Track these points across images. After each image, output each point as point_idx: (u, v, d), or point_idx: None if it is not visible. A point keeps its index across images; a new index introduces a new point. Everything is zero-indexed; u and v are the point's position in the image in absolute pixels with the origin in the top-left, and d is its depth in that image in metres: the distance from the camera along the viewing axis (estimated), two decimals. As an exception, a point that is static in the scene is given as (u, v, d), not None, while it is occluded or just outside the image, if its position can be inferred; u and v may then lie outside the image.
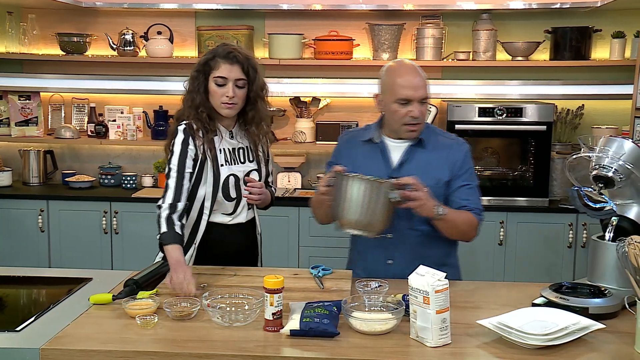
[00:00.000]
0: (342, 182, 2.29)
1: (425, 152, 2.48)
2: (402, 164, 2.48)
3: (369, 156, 2.53)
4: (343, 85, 4.60)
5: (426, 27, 4.37)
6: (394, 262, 2.49)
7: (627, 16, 4.39)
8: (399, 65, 2.53)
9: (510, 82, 4.51)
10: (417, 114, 2.41)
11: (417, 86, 2.41)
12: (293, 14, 4.57)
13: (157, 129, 4.59)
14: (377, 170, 2.44)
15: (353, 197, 2.26)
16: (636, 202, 2.18)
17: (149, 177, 4.63)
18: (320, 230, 4.19)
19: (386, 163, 2.50)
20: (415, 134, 2.47)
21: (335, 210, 2.33)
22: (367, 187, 2.25)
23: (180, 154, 2.51)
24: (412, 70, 2.46)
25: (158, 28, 4.55)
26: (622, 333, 1.94)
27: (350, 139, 2.65)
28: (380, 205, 2.26)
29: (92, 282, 2.36)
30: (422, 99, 2.42)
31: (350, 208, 2.28)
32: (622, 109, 4.37)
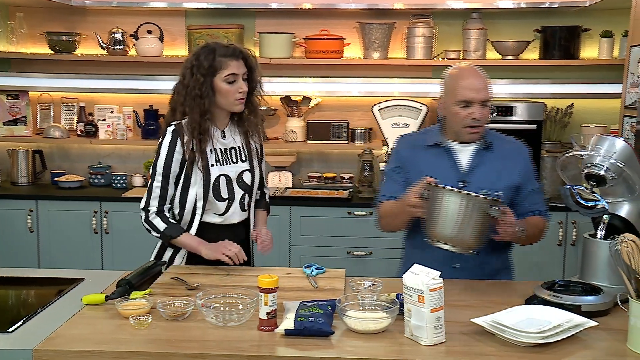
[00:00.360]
0: (437, 196, 2.20)
1: (493, 156, 2.47)
2: (473, 169, 2.46)
3: (436, 161, 2.49)
4: (334, 84, 4.61)
5: (417, 26, 4.38)
6: (460, 266, 2.46)
7: (615, 16, 4.41)
8: (462, 67, 2.50)
9: (501, 81, 4.53)
10: (478, 115, 2.40)
11: (479, 88, 2.41)
12: (283, 13, 4.56)
13: (148, 129, 4.58)
14: (446, 175, 2.42)
15: (449, 212, 2.17)
16: (627, 200, 2.19)
17: (139, 177, 4.61)
18: (312, 229, 4.22)
19: (455, 168, 2.48)
20: (476, 136, 2.45)
21: (426, 224, 2.26)
22: (465, 202, 2.16)
23: (167, 157, 2.50)
24: (474, 72, 2.46)
25: (148, 27, 4.53)
26: (614, 330, 1.95)
27: (412, 144, 2.60)
28: (477, 221, 2.17)
29: (84, 283, 2.35)
30: (484, 101, 2.41)
31: (445, 223, 2.19)
32: (610, 108, 4.40)
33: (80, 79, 4.68)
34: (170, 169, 2.50)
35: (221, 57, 2.47)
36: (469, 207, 2.15)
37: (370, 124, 4.57)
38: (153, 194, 2.51)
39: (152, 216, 2.51)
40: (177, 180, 2.52)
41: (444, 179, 2.36)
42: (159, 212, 2.51)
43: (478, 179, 2.43)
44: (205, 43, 2.58)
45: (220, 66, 2.47)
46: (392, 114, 4.37)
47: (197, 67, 2.48)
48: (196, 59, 2.50)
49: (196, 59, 2.50)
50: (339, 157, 4.71)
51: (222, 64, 2.47)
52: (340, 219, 4.20)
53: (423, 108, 4.34)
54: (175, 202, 2.55)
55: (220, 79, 2.48)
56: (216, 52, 2.49)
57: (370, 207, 4.17)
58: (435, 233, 2.22)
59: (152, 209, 2.51)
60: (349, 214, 4.19)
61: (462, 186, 2.41)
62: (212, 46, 2.52)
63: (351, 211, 4.18)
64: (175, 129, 2.51)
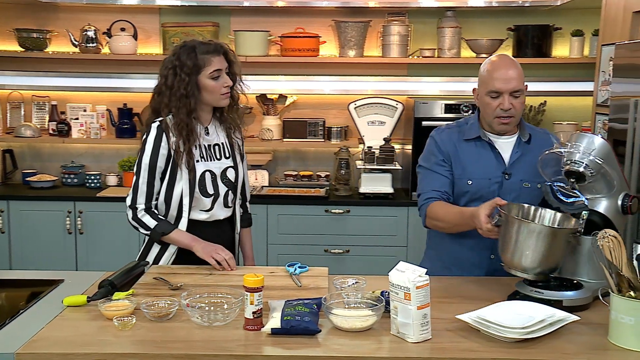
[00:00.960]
0: (512, 225, 2.13)
1: (533, 148, 2.46)
2: (515, 162, 2.47)
3: (478, 155, 2.50)
4: (309, 82, 4.61)
5: (392, 25, 4.40)
6: (497, 257, 2.43)
7: (585, 15, 4.49)
8: (496, 58, 2.50)
9: (475, 79, 4.55)
10: (507, 106, 2.40)
11: (509, 78, 2.40)
12: (259, 11, 4.55)
13: (122, 127, 4.53)
14: (490, 169, 2.46)
15: (526, 243, 2.10)
16: (605, 197, 2.23)
17: (114, 176, 4.56)
18: (289, 228, 4.22)
19: (497, 161, 2.48)
20: (506, 127, 2.46)
21: (501, 249, 2.19)
22: (542, 234, 2.09)
23: (152, 152, 2.49)
24: (506, 63, 2.45)
25: (121, 24, 4.48)
26: (594, 324, 1.98)
27: (449, 137, 2.57)
28: (554, 250, 2.11)
29: (63, 284, 2.31)
30: (514, 92, 2.40)
31: (521, 254, 2.11)
32: (581, 105, 4.48)
33: (51, 77, 4.62)
34: (156, 164, 2.49)
35: (203, 55, 2.47)
36: (548, 239, 2.08)
37: (346, 121, 4.58)
38: (139, 190, 2.49)
39: (141, 214, 2.49)
40: (163, 176, 2.50)
41: (487, 172, 2.43)
42: (148, 209, 2.50)
43: (519, 171, 2.45)
44: (183, 42, 2.57)
45: (204, 63, 2.46)
46: (368, 111, 4.39)
47: (180, 66, 2.46)
48: (177, 58, 2.48)
49: (177, 59, 2.48)
50: (315, 155, 4.72)
51: (205, 61, 2.47)
52: (317, 217, 4.21)
53: (399, 106, 4.36)
54: (160, 199, 2.53)
55: (205, 76, 2.47)
56: (197, 49, 2.48)
57: (347, 204, 4.21)
58: (511, 262, 2.15)
59: (140, 206, 2.49)
60: (326, 211, 4.19)
61: (507, 179, 2.45)
62: (191, 44, 2.51)
63: (328, 209, 4.19)
64: (160, 124, 2.49)
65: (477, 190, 2.48)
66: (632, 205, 2.21)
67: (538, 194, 2.44)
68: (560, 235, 2.12)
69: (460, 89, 4.59)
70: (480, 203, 2.44)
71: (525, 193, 2.45)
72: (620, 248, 1.86)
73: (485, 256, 2.50)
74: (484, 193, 2.46)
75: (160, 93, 2.52)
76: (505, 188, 2.46)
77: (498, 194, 2.43)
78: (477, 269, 2.49)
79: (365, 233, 4.21)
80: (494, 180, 2.47)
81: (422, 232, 4.11)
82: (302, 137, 4.50)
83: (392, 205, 4.21)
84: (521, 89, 2.42)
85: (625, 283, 1.82)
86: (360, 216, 4.21)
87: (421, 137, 4.16)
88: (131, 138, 4.53)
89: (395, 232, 4.20)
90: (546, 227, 2.14)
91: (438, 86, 4.61)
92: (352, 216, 4.21)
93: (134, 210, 2.50)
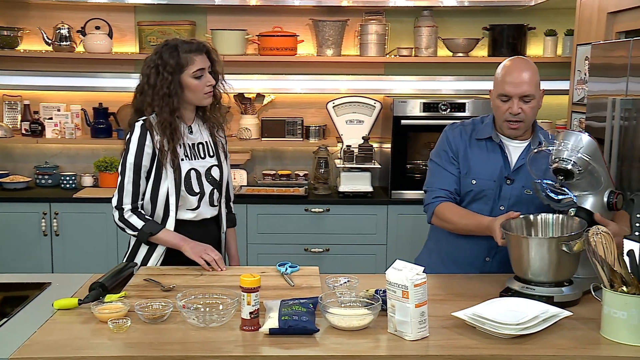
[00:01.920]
0: (516, 242, 2.16)
1: (544, 156, 2.35)
2: (519, 168, 2.45)
3: (487, 156, 2.49)
4: (287, 81, 4.60)
5: (369, 24, 4.41)
6: (492, 260, 2.48)
7: (558, 15, 4.56)
8: (511, 61, 2.46)
9: (451, 78, 4.62)
10: (516, 110, 2.38)
11: (520, 82, 2.37)
12: (235, 10, 4.52)
13: (97, 127, 4.46)
14: (495, 171, 2.46)
15: (532, 257, 2.11)
16: (592, 194, 2.26)
17: (89, 177, 4.49)
18: (268, 227, 4.20)
19: (504, 164, 2.47)
20: (515, 132, 2.44)
21: (514, 264, 2.20)
22: (545, 247, 2.10)
23: (137, 152, 2.46)
24: (519, 66, 2.41)
25: (96, 23, 4.42)
26: (586, 319, 2.01)
27: (462, 135, 2.56)
28: (561, 260, 2.10)
29: (51, 287, 2.27)
30: (524, 96, 2.37)
31: (528, 267, 2.13)
32: (555, 104, 4.54)
33: (23, 75, 4.53)
34: (141, 164, 2.46)
35: (186, 54, 2.45)
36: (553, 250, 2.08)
37: (324, 120, 4.58)
38: (125, 190, 2.46)
39: (128, 214, 2.46)
40: (148, 175, 2.48)
41: (492, 174, 2.44)
42: (134, 210, 2.47)
43: (523, 177, 2.43)
44: (165, 41, 2.55)
45: (187, 62, 2.45)
46: (346, 110, 4.39)
47: (163, 65, 2.44)
48: (159, 57, 2.46)
49: (160, 58, 2.46)
50: (293, 155, 4.71)
51: (188, 60, 2.45)
52: (297, 216, 4.20)
53: (377, 105, 4.38)
54: (145, 198, 2.50)
55: (188, 75, 2.46)
56: (179, 48, 2.46)
57: (327, 203, 4.21)
58: (521, 274, 2.17)
59: (127, 206, 2.46)
60: (305, 210, 4.19)
61: (508, 184, 2.44)
62: (173, 43, 2.49)
63: (308, 208, 4.18)
64: (144, 123, 2.47)
65: (480, 190, 2.49)
66: (617, 201, 2.25)
67: (539, 202, 2.40)
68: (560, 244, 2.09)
69: (437, 88, 4.63)
70: (481, 205, 2.49)
71: (526, 200, 2.44)
72: (612, 244, 1.90)
73: (481, 258, 2.52)
74: (487, 194, 2.48)
75: (142, 92, 2.51)
76: (505, 192, 2.46)
77: (498, 198, 2.45)
78: (472, 267, 2.51)
79: (344, 232, 4.22)
80: (498, 182, 2.48)
81: (402, 231, 4.18)
82: (281, 136, 4.49)
83: (371, 203, 4.23)
84: (532, 94, 2.38)
85: (618, 278, 1.85)
86: (340, 215, 4.21)
87: (400, 135, 4.22)
88: (107, 138, 4.47)
89: (375, 231, 4.21)
90: (543, 239, 2.16)
91: (415, 85, 4.64)
92: (332, 215, 4.21)
93: (120, 211, 2.46)
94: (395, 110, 4.18)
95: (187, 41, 2.50)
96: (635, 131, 3.02)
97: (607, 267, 1.87)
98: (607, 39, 3.48)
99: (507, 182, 2.46)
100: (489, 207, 2.48)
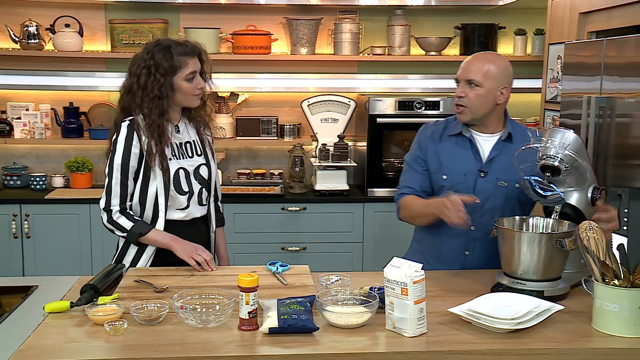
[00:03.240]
0: (508, 237, 2.20)
1: (513, 147, 2.44)
2: (492, 159, 2.50)
3: (458, 150, 2.54)
4: (261, 80, 4.58)
5: (343, 22, 4.42)
6: (471, 253, 2.52)
7: (527, 15, 4.65)
8: (477, 53, 2.57)
9: (424, 76, 4.66)
10: (459, 93, 2.48)
11: (467, 68, 2.46)
12: (208, 8, 4.49)
13: (68, 127, 4.38)
14: (466, 165, 2.50)
15: (522, 252, 2.15)
16: (577, 190, 2.31)
17: (60, 177, 4.40)
18: (245, 226, 4.18)
19: (475, 158, 2.51)
20: (461, 116, 2.51)
21: (501, 258, 2.25)
22: (537, 241, 2.14)
23: (124, 152, 2.42)
24: (479, 57, 2.51)
25: (66, 20, 4.33)
26: (575, 312, 2.06)
27: (433, 132, 2.62)
28: (553, 256, 2.14)
29: (38, 290, 2.22)
30: (469, 81, 2.45)
31: (519, 262, 2.16)
32: (526, 102, 4.62)
33: (-11, 74, 4.42)
34: (129, 164, 2.42)
35: (179, 56, 2.43)
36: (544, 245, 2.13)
37: (298, 119, 4.58)
38: (113, 192, 2.42)
39: (117, 215, 2.42)
40: (136, 176, 2.44)
41: (462, 168, 2.48)
42: (123, 211, 2.43)
43: (496, 169, 2.49)
44: (157, 40, 2.52)
45: (180, 65, 2.42)
46: (321, 109, 4.39)
47: (155, 67, 2.41)
48: (152, 57, 2.42)
49: (152, 58, 2.42)
50: (267, 153, 4.70)
51: (181, 63, 2.43)
52: (273, 215, 4.19)
53: (352, 103, 4.39)
54: (134, 199, 2.47)
55: (181, 78, 2.44)
56: (172, 50, 2.43)
57: (303, 202, 4.21)
58: (511, 270, 2.20)
59: (115, 208, 2.42)
60: (282, 209, 4.18)
61: (482, 177, 2.49)
62: (166, 43, 2.46)
63: (285, 207, 4.18)
64: (130, 123, 2.43)
65: (451, 185, 2.52)
66: (601, 197, 2.31)
67: (514, 194, 2.48)
68: (552, 239, 2.14)
69: (410, 86, 4.67)
70: None
71: (501, 192, 2.49)
72: (603, 239, 1.94)
73: (461, 251, 2.55)
74: (458, 189, 2.50)
75: (130, 92, 2.46)
76: (479, 185, 2.50)
77: (473, 191, 2.48)
78: (453, 263, 2.54)
79: (321, 230, 4.22)
80: (469, 176, 2.51)
81: (378, 228, 4.21)
82: (256, 135, 4.47)
83: (347, 201, 4.24)
84: (478, 81, 2.44)
85: (610, 272, 1.90)
86: (317, 213, 4.22)
87: (376, 133, 4.24)
88: (78, 138, 4.40)
89: (351, 229, 4.23)
90: (535, 234, 2.20)
91: (388, 83, 4.67)
92: (308, 213, 4.21)
93: (109, 213, 2.42)
94: (371, 109, 4.20)
95: (180, 43, 2.47)
96: (610, 128, 3.09)
97: (599, 261, 1.91)
98: (579, 38, 3.56)
99: (480, 174, 2.51)
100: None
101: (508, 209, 2.50)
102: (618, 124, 3.04)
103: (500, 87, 2.47)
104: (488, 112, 2.50)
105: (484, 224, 2.48)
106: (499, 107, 2.51)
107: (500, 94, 2.48)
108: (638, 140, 2.94)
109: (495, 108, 2.50)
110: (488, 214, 2.49)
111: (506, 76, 2.49)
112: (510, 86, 2.50)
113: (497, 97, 2.48)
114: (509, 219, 2.32)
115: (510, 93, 2.51)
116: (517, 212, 2.50)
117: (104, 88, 4.52)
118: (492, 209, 2.49)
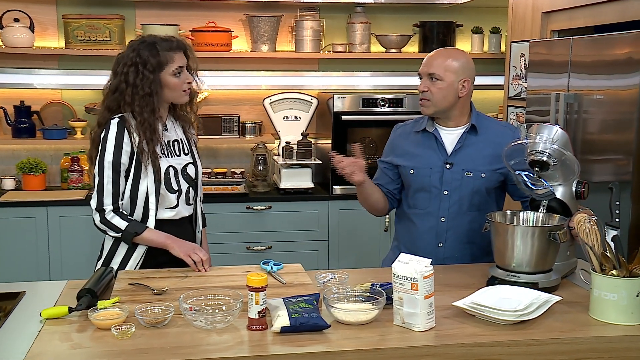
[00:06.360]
0: (501, 230, 2.23)
1: (481, 140, 2.55)
2: (457, 151, 2.55)
3: (423, 145, 2.59)
4: (222, 77, 4.52)
5: (304, 20, 4.41)
6: (444, 245, 2.57)
7: (483, 14, 4.76)
8: (440, 49, 2.65)
9: (385, 73, 4.70)
10: (422, 87, 2.53)
11: (429, 63, 2.53)
12: (166, 4, 4.40)
13: (19, 127, 4.21)
14: (431, 158, 2.56)
15: (516, 245, 2.19)
16: (563, 184, 2.38)
17: (11, 180, 4.23)
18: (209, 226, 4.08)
19: (439, 151, 2.57)
20: (424, 109, 2.56)
21: (496, 255, 2.28)
22: (530, 234, 2.19)
23: (115, 150, 2.35)
24: (440, 52, 2.57)
25: (14, 15, 4.15)
26: (570, 302, 2.11)
27: (403, 132, 2.70)
28: (546, 248, 2.19)
29: (27, 296, 2.12)
30: (430, 75, 2.51)
31: (512, 255, 2.20)
32: (485, 98, 4.70)
33: None
34: (120, 162, 2.35)
35: (165, 52, 2.38)
36: (536, 237, 2.18)
37: (259, 117, 4.54)
38: (105, 191, 2.34)
39: (110, 215, 2.34)
40: (127, 174, 2.37)
41: (428, 162, 2.55)
42: (116, 210, 2.35)
43: (461, 160, 2.54)
44: (141, 38, 2.48)
45: (167, 60, 2.38)
46: (283, 107, 4.37)
47: (143, 64, 2.35)
48: (138, 55, 2.37)
49: (138, 56, 2.36)
50: (228, 152, 4.64)
51: (168, 58, 2.38)
52: (238, 215, 4.14)
53: (314, 101, 4.38)
54: (125, 198, 2.39)
55: (168, 74, 2.38)
56: (158, 46, 2.39)
57: (268, 200, 4.19)
58: (504, 263, 2.24)
59: (108, 207, 2.34)
60: (247, 209, 4.14)
61: (448, 169, 2.54)
62: (151, 40, 2.42)
63: (250, 206, 4.14)
64: (121, 120, 2.36)
65: (419, 179, 2.59)
66: (584, 190, 2.38)
67: (480, 183, 2.55)
68: (544, 231, 2.19)
69: (371, 84, 4.71)
70: (424, 193, 2.59)
71: (468, 182, 2.55)
72: (599, 231, 2.01)
73: (434, 244, 2.60)
74: (426, 183, 2.58)
75: (117, 91, 2.39)
76: (446, 177, 2.56)
77: (440, 183, 2.56)
78: (429, 256, 2.57)
79: (286, 228, 4.21)
80: (435, 170, 2.57)
81: (343, 226, 4.22)
82: (217, 133, 4.40)
83: (312, 199, 4.24)
84: (439, 75, 2.50)
85: (610, 263, 1.96)
86: (282, 212, 4.20)
87: (340, 131, 4.25)
88: (30, 138, 4.23)
89: (317, 227, 4.23)
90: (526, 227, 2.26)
91: (349, 81, 4.69)
92: (273, 212, 4.19)
93: (102, 213, 2.34)
94: (335, 106, 4.21)
95: (165, 39, 2.43)
96: (577, 124, 3.20)
97: (600, 252, 1.98)
98: (542, 37, 3.66)
99: (446, 166, 2.56)
100: (433, 193, 2.58)
101: (476, 198, 2.57)
102: (585, 119, 3.15)
103: (461, 80, 2.52)
104: (451, 105, 2.55)
105: (452, 215, 2.56)
106: (461, 100, 2.56)
107: (462, 87, 2.53)
108: (604, 135, 3.06)
109: (457, 101, 2.55)
110: (456, 204, 2.56)
111: (467, 70, 2.55)
112: (471, 80, 2.57)
113: (458, 90, 2.53)
114: (500, 213, 2.36)
115: (472, 87, 2.58)
116: (484, 200, 2.58)
117: (56, 86, 4.36)
118: (460, 200, 2.56)
